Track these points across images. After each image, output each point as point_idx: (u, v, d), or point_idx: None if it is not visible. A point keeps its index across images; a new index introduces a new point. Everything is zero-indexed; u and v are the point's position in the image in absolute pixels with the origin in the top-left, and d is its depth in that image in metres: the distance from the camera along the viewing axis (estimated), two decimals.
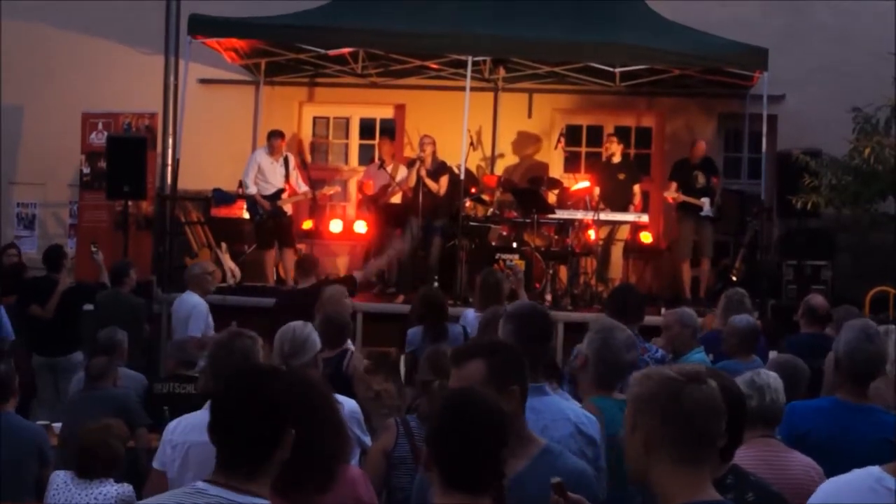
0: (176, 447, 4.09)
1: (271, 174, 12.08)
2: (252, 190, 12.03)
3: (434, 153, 11.90)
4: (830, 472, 3.93)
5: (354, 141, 14.67)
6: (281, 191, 12.13)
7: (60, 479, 5.34)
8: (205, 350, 6.31)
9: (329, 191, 13.20)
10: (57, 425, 6.99)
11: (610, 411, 4.22)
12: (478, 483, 2.77)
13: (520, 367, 3.41)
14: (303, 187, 12.41)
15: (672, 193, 12.24)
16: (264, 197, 12.03)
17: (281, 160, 12.16)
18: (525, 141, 14.09)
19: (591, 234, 12.18)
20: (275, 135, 12.35)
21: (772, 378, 4.20)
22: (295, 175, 12.35)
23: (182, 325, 9.03)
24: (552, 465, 3.24)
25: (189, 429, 4.13)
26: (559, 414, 3.77)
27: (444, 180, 11.88)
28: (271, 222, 11.98)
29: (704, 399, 2.50)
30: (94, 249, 10.57)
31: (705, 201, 12.10)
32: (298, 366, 4.89)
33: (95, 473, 5.34)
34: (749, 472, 3.35)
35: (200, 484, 2.71)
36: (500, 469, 2.80)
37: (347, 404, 5.00)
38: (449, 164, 12.20)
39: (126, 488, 5.33)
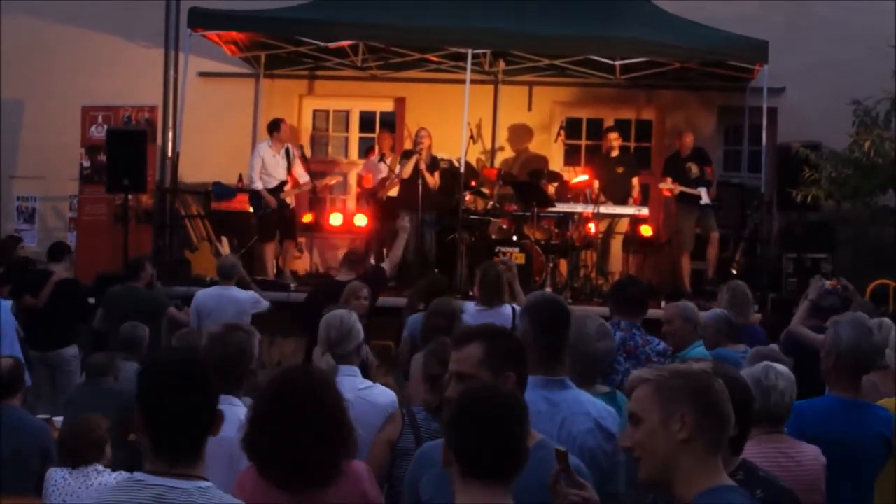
0: None
1: (274, 167, 12.04)
2: (258, 185, 12.00)
3: (430, 147, 11.90)
4: (836, 469, 3.94)
5: (354, 134, 14.67)
6: (284, 183, 12.12)
7: (58, 475, 5.34)
8: None
9: (331, 180, 13.21)
10: (58, 419, 6.99)
11: None
12: (500, 476, 2.77)
13: (518, 355, 3.41)
14: (304, 177, 12.39)
15: (668, 185, 12.24)
16: (268, 190, 12.00)
17: (282, 151, 12.12)
18: (525, 134, 14.09)
19: (591, 227, 12.19)
20: (279, 120, 12.30)
21: (781, 379, 4.10)
22: (297, 165, 12.32)
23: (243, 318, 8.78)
24: (546, 459, 3.22)
25: None
26: (578, 408, 3.72)
27: (437, 175, 11.92)
28: (275, 215, 11.99)
29: (724, 389, 2.69)
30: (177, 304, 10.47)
31: (702, 191, 12.10)
32: (342, 354, 4.95)
33: (83, 458, 5.35)
34: (759, 468, 3.35)
35: (139, 475, 2.67)
36: (522, 462, 2.80)
37: (388, 395, 5.01)
38: (446, 157, 12.24)
39: (125, 476, 5.33)
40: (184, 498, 2.62)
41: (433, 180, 11.80)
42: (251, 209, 12.29)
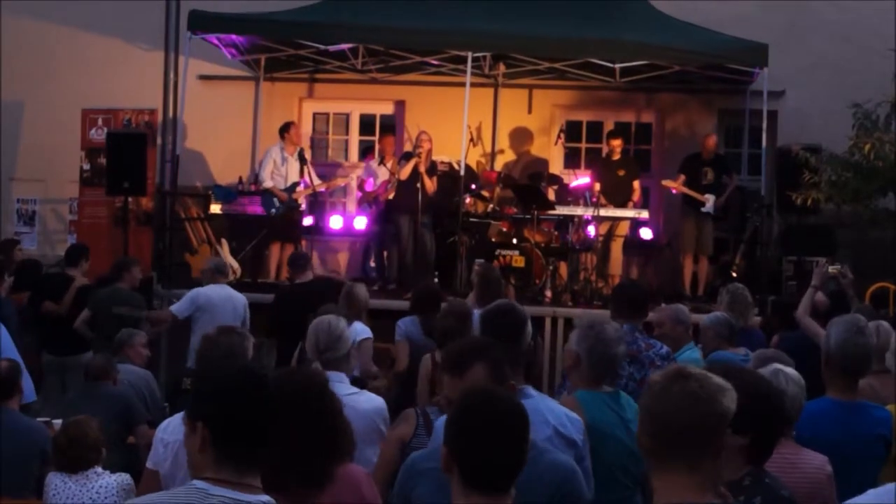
0: (168, 445, 4.06)
1: (287, 169, 12.12)
2: (269, 184, 12.04)
3: (430, 151, 11.90)
4: (840, 473, 3.91)
5: (354, 137, 14.66)
6: (296, 184, 12.15)
7: (58, 479, 5.33)
8: None
9: (341, 181, 13.26)
10: (57, 422, 6.99)
11: (596, 405, 4.25)
12: (500, 483, 2.75)
13: (511, 363, 3.47)
14: (317, 180, 12.43)
15: (673, 184, 12.25)
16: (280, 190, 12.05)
17: (296, 154, 12.17)
18: (525, 137, 14.08)
19: (591, 229, 12.19)
20: (289, 123, 12.40)
21: (791, 384, 4.02)
22: (311, 167, 12.35)
23: (237, 320, 8.90)
24: (536, 460, 3.20)
25: (181, 427, 4.11)
26: (537, 416, 3.71)
27: (435, 180, 11.93)
28: (285, 216, 12.01)
29: (679, 399, 2.47)
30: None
31: (709, 198, 12.11)
32: (332, 359, 4.89)
33: (83, 463, 5.34)
34: (766, 475, 3.26)
35: (199, 483, 2.65)
36: (523, 466, 2.78)
37: (374, 400, 4.99)
38: (446, 160, 12.21)
39: (124, 477, 5.33)
40: None
41: (431, 185, 11.80)
42: (263, 209, 12.26)
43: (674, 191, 12.45)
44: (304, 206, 12.43)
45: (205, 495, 2.62)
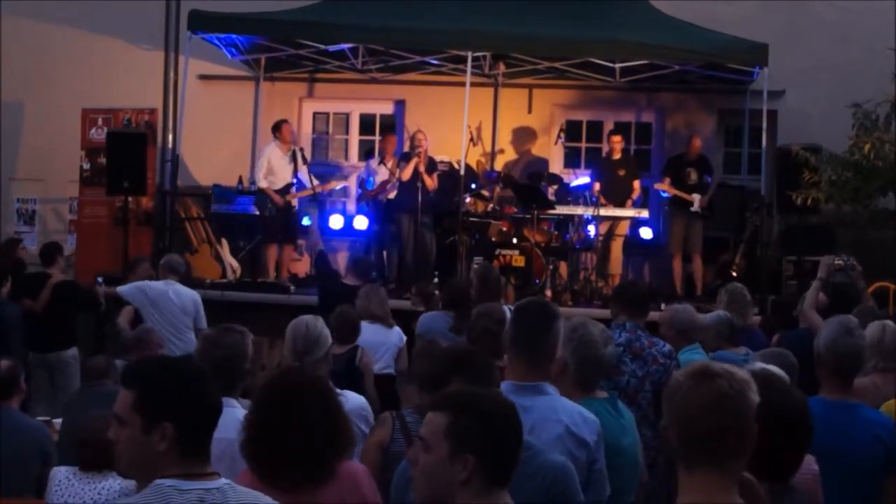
0: None
1: (280, 169, 12.03)
2: (263, 184, 11.99)
3: (427, 149, 11.90)
4: (830, 475, 3.89)
5: (354, 136, 14.66)
6: (290, 185, 12.11)
7: (62, 475, 5.29)
8: None
9: (337, 184, 13.23)
10: (57, 421, 6.98)
11: (598, 413, 4.01)
12: (509, 480, 2.81)
13: (538, 357, 3.49)
14: (315, 181, 12.38)
15: (664, 185, 12.29)
16: (274, 191, 12.00)
17: (289, 154, 12.10)
18: (525, 136, 14.09)
19: (591, 229, 12.20)
20: (280, 122, 12.33)
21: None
22: (305, 169, 12.30)
23: (187, 317, 8.91)
24: (529, 460, 3.19)
25: None
26: (550, 414, 3.68)
27: (435, 177, 11.93)
28: (280, 217, 11.99)
29: (709, 399, 2.42)
30: (98, 281, 10.45)
31: (696, 197, 12.13)
32: (311, 361, 4.84)
33: (99, 467, 5.31)
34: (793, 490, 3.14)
35: (168, 482, 2.63)
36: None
37: (356, 400, 4.97)
38: (446, 160, 12.21)
39: (130, 483, 5.29)
40: (220, 497, 2.66)
41: (431, 182, 11.81)
42: (257, 210, 12.23)
43: (666, 193, 12.47)
44: (297, 207, 12.32)
45: (178, 492, 2.64)
